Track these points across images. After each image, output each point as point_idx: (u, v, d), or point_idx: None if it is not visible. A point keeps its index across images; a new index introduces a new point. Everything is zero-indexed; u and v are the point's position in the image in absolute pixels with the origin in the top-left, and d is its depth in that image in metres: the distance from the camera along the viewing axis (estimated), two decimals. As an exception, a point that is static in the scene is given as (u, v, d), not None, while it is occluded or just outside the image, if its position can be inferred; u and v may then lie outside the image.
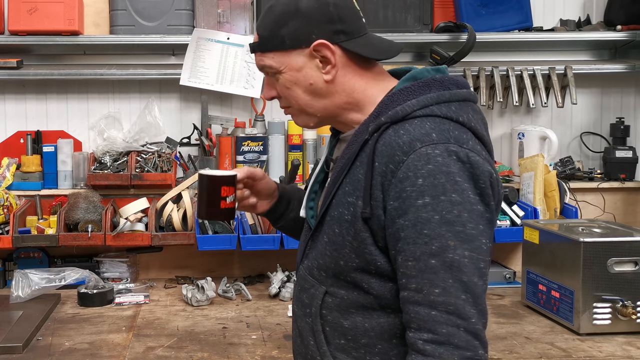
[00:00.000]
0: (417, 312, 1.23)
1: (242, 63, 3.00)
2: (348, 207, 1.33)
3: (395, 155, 1.26)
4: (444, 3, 3.14)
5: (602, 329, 2.24)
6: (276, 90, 1.44)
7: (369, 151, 1.31)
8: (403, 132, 1.28)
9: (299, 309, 1.47)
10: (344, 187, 1.35)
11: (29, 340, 2.15)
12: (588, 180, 3.15)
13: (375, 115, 1.34)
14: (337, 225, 1.35)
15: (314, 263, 1.42)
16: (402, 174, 1.24)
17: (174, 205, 2.83)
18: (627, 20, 3.11)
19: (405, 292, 1.25)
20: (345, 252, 1.34)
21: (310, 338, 1.42)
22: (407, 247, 1.24)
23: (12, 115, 3.08)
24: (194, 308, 2.55)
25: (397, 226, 1.25)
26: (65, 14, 2.89)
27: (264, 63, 1.41)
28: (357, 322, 1.37)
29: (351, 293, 1.37)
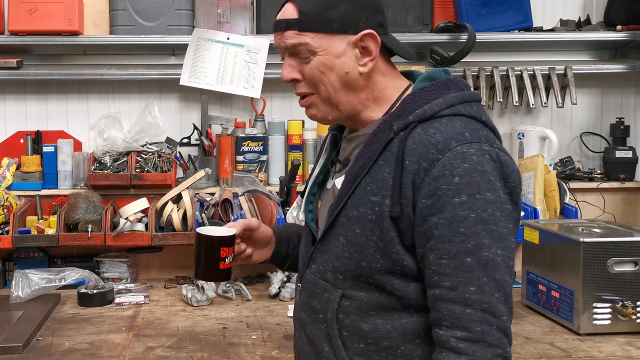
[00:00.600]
0: (450, 309, 1.22)
1: (242, 63, 3.00)
2: (372, 206, 1.31)
3: (429, 154, 1.25)
4: (444, 3, 3.14)
5: (602, 329, 2.24)
6: (301, 73, 1.37)
7: (395, 149, 1.29)
8: (434, 131, 1.27)
9: (308, 316, 1.43)
10: (364, 186, 1.33)
11: (29, 340, 2.15)
12: (588, 181, 3.15)
13: (398, 114, 1.33)
14: (358, 225, 1.32)
15: (327, 266, 1.38)
16: (437, 172, 1.24)
17: (174, 205, 2.83)
18: (627, 20, 3.11)
19: (437, 289, 1.24)
20: (369, 253, 1.31)
21: (325, 344, 1.39)
22: (441, 245, 1.24)
23: (12, 115, 3.08)
24: (194, 308, 2.55)
25: (430, 224, 1.25)
26: (65, 14, 2.89)
27: (298, 41, 1.34)
28: (378, 324, 1.34)
29: (372, 295, 1.34)
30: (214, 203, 2.80)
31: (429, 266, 1.26)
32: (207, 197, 2.89)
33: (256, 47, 3.00)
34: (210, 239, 1.47)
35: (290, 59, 1.37)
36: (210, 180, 3.01)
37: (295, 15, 1.34)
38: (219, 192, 2.86)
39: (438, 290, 1.24)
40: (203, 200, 2.84)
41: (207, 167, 2.93)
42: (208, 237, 1.48)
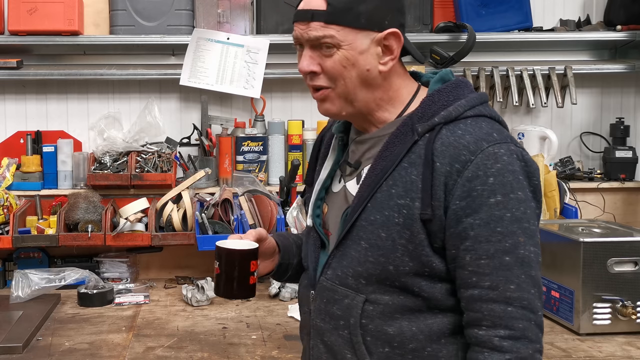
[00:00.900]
0: (491, 309, 1.24)
1: (242, 63, 3.00)
2: (399, 209, 1.30)
3: (461, 155, 1.25)
4: (444, 3, 3.14)
5: (602, 329, 2.24)
6: (320, 65, 1.34)
7: (422, 152, 1.29)
8: (462, 132, 1.28)
9: (325, 323, 1.40)
10: (387, 189, 1.31)
11: (29, 340, 2.15)
12: (588, 181, 3.15)
13: (419, 116, 1.32)
14: (384, 229, 1.31)
15: (347, 272, 1.36)
16: (471, 173, 1.25)
17: (174, 205, 2.83)
18: (627, 20, 3.11)
19: (476, 290, 1.25)
20: (397, 257, 1.30)
21: (347, 351, 1.37)
22: (479, 245, 1.25)
23: (12, 115, 3.08)
24: (194, 308, 2.55)
25: (465, 225, 1.25)
26: (65, 14, 2.89)
27: (323, 34, 1.31)
28: (404, 327, 1.33)
29: (396, 297, 1.33)
30: (214, 203, 2.80)
31: (465, 267, 1.26)
32: (207, 197, 2.89)
33: (256, 47, 3.00)
34: (243, 253, 1.40)
35: (310, 51, 1.34)
36: (210, 180, 3.01)
37: (322, 6, 1.31)
38: (219, 192, 2.86)
39: (477, 290, 1.25)
40: (203, 200, 2.84)
41: (207, 167, 2.93)
42: (241, 251, 1.40)
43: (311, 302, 1.44)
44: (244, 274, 1.41)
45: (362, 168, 1.41)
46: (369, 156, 1.40)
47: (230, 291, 1.43)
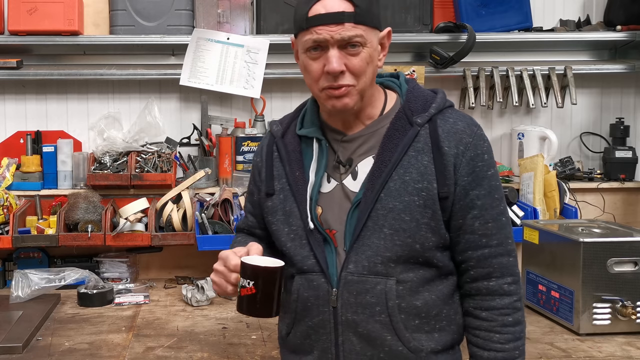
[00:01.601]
0: (500, 262, 1.49)
1: (242, 63, 3.00)
2: (418, 193, 1.46)
3: (462, 139, 1.48)
4: (444, 3, 3.14)
5: (602, 329, 2.24)
6: (345, 64, 1.43)
7: (427, 139, 1.48)
8: (453, 120, 1.50)
9: (358, 315, 1.49)
10: (400, 177, 1.46)
11: (29, 340, 2.15)
12: (588, 181, 3.15)
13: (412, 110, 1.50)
14: (406, 213, 1.46)
15: (375, 260, 1.47)
16: (472, 152, 1.48)
17: (174, 205, 2.83)
18: (627, 20, 3.11)
19: (486, 249, 1.49)
20: (422, 235, 1.47)
21: (387, 334, 1.48)
22: (485, 211, 1.49)
23: (12, 115, 3.08)
24: (194, 308, 2.55)
25: (472, 197, 1.48)
26: (65, 14, 2.89)
27: (355, 33, 1.42)
28: (426, 297, 1.50)
29: (418, 272, 1.49)
30: (214, 203, 2.80)
31: (475, 232, 1.49)
32: (207, 197, 2.89)
33: (256, 47, 3.00)
34: (280, 271, 1.41)
35: (336, 51, 1.43)
36: (210, 180, 3.01)
37: (350, 8, 1.42)
38: (219, 192, 2.86)
39: (487, 249, 1.49)
40: (203, 200, 2.84)
41: (207, 167, 2.93)
42: (279, 269, 1.41)
43: (335, 300, 1.50)
44: (280, 291, 1.43)
45: (355, 165, 1.52)
46: (362, 152, 1.52)
47: (270, 310, 1.43)
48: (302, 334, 1.58)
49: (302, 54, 1.49)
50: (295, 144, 1.58)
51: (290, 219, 1.56)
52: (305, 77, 1.52)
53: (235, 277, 1.46)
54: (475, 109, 3.16)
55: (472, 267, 1.51)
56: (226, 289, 1.49)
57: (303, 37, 1.46)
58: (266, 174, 1.62)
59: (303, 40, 1.46)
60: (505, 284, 1.49)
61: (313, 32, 1.42)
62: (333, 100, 1.46)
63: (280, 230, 1.58)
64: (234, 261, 1.46)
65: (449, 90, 3.22)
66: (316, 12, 1.42)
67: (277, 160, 1.61)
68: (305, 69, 1.50)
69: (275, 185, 1.60)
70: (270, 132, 1.67)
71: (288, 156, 1.58)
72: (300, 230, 1.54)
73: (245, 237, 1.76)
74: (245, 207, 1.79)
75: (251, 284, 1.39)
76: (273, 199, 1.60)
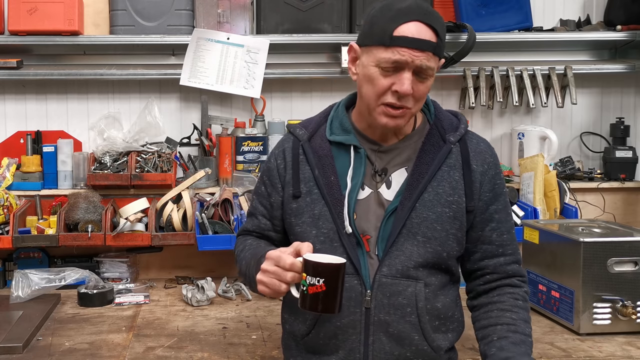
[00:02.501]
0: (513, 268, 1.69)
1: (242, 63, 3.00)
2: (449, 205, 1.61)
3: (486, 158, 1.66)
4: (444, 3, 3.14)
5: (602, 329, 2.24)
6: (414, 88, 1.53)
7: (458, 157, 1.63)
8: (477, 141, 1.68)
9: (390, 315, 1.59)
10: (434, 190, 1.60)
11: (29, 340, 2.15)
12: (588, 180, 3.15)
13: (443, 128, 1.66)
14: (438, 223, 1.60)
15: (407, 264, 1.58)
16: (493, 171, 1.66)
17: (174, 205, 2.83)
18: (627, 20, 3.11)
19: (502, 257, 1.68)
20: (449, 244, 1.62)
21: (415, 334, 1.59)
22: (502, 224, 1.67)
23: (12, 115, 3.08)
24: (194, 308, 2.55)
25: (491, 211, 1.66)
26: (65, 14, 2.89)
27: (433, 64, 1.53)
28: (444, 301, 1.64)
29: (438, 278, 1.63)
30: (214, 203, 2.80)
31: (493, 242, 1.67)
32: (207, 197, 2.89)
33: (256, 47, 3.00)
34: (345, 266, 1.44)
35: (410, 74, 1.52)
36: (210, 180, 3.01)
37: (434, 38, 1.52)
38: (219, 192, 2.86)
39: (502, 258, 1.68)
40: (203, 200, 2.84)
41: (207, 167, 2.93)
42: (345, 264, 1.44)
43: (368, 301, 1.59)
44: (343, 287, 1.46)
45: (389, 175, 1.64)
46: (396, 163, 1.65)
47: (338, 305, 1.45)
48: (326, 335, 1.63)
49: (372, 66, 1.54)
50: (327, 149, 1.65)
51: (320, 222, 1.62)
52: (366, 88, 1.58)
53: (292, 276, 1.48)
54: (475, 108, 3.16)
55: (489, 273, 1.69)
56: (280, 288, 1.50)
57: (381, 53, 1.52)
58: (293, 175, 1.67)
59: (381, 55, 1.52)
60: (516, 280, 1.69)
61: (395, 52, 1.49)
62: (388, 118, 1.56)
63: (306, 232, 1.64)
64: (289, 260, 1.48)
65: (449, 90, 3.23)
66: (403, 33, 1.49)
67: (303, 163, 1.67)
68: (370, 80, 1.56)
69: (301, 187, 1.65)
70: (292, 135, 1.72)
71: (319, 160, 1.64)
72: (332, 233, 1.60)
73: (255, 240, 1.78)
74: (254, 209, 1.80)
75: (321, 281, 1.41)
76: (299, 201, 1.65)
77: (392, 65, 1.51)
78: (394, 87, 1.52)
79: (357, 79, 1.62)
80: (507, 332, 1.59)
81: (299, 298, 1.47)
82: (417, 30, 1.50)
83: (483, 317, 1.67)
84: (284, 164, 1.70)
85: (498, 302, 1.66)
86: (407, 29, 1.49)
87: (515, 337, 1.58)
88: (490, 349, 1.58)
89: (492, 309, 1.65)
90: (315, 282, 1.42)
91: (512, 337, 1.58)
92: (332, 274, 1.42)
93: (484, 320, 1.66)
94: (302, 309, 1.47)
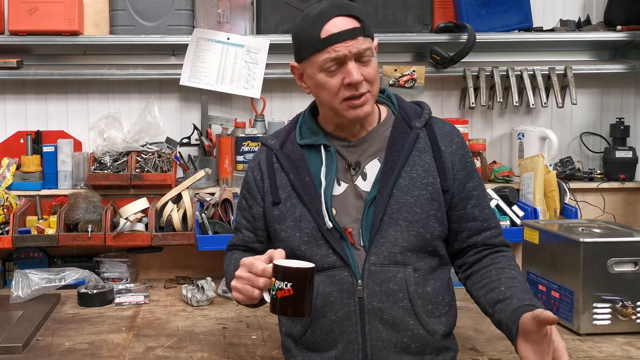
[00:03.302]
0: (501, 240, 1.75)
1: (242, 63, 3.00)
2: (425, 187, 1.65)
3: (453, 139, 1.72)
4: (444, 3, 3.14)
5: (602, 329, 2.24)
6: (363, 74, 1.59)
7: (426, 140, 1.69)
8: (441, 125, 1.74)
9: (383, 302, 1.62)
10: (408, 174, 1.64)
11: (29, 340, 2.15)
12: (588, 181, 3.15)
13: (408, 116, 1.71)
14: (417, 206, 1.64)
15: (394, 250, 1.62)
16: (462, 150, 1.71)
17: (174, 205, 2.84)
18: (627, 20, 3.11)
19: (488, 231, 1.73)
20: (431, 225, 1.65)
21: (409, 319, 1.63)
22: (481, 200, 1.73)
23: (12, 115, 3.08)
24: (194, 308, 2.55)
25: (468, 188, 1.71)
26: (65, 14, 2.89)
27: (367, 45, 1.59)
28: (434, 285, 1.67)
29: (427, 262, 1.66)
30: (214, 203, 2.80)
31: (476, 219, 1.72)
32: (207, 197, 2.89)
33: (256, 47, 3.00)
34: (312, 270, 1.46)
35: (353, 63, 1.58)
36: (210, 180, 3.01)
37: (357, 24, 1.59)
38: (219, 192, 2.86)
39: (489, 231, 1.73)
40: (203, 200, 2.84)
41: (207, 167, 2.93)
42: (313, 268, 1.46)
43: (360, 291, 1.63)
44: (312, 290, 1.48)
45: (363, 167, 1.68)
46: (367, 155, 1.69)
47: (307, 308, 1.47)
48: (323, 330, 1.67)
49: (317, 74, 1.61)
50: (299, 152, 1.71)
51: (302, 223, 1.67)
52: (321, 94, 1.64)
53: (264, 282, 1.51)
54: (475, 109, 3.16)
55: (478, 248, 1.73)
56: (252, 294, 1.54)
57: (318, 58, 1.59)
58: (270, 184, 1.73)
59: (319, 61, 1.59)
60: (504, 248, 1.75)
61: (330, 51, 1.56)
62: (355, 110, 1.61)
63: (291, 235, 1.69)
64: (261, 266, 1.52)
65: (449, 90, 3.23)
66: (329, 32, 1.56)
67: (278, 170, 1.73)
68: (321, 86, 1.62)
69: (280, 194, 1.71)
70: (265, 146, 1.80)
71: (293, 164, 1.70)
72: (315, 232, 1.65)
73: (241, 254, 1.83)
74: (238, 224, 1.87)
75: (289, 285, 1.44)
76: (280, 207, 1.71)
77: (334, 64, 1.58)
78: (346, 81, 1.58)
79: (310, 92, 1.70)
80: (513, 282, 1.62)
81: (270, 303, 1.51)
82: (340, 24, 1.57)
83: (482, 277, 1.68)
84: (260, 175, 1.77)
85: (494, 263, 1.70)
86: (330, 27, 1.57)
87: (523, 286, 1.61)
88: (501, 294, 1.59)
89: (490, 269, 1.68)
90: (283, 286, 1.44)
91: (521, 286, 1.61)
92: (299, 278, 1.44)
93: (484, 279, 1.67)
94: (273, 313, 1.50)
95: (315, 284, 1.59)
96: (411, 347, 1.65)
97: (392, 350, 1.64)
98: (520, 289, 1.60)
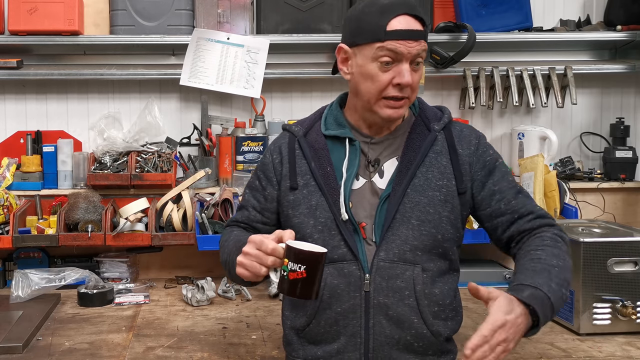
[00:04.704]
0: (539, 222, 1.69)
1: (242, 63, 3.00)
2: (439, 189, 1.66)
3: (471, 140, 1.72)
4: (444, 3, 3.14)
5: (602, 329, 2.24)
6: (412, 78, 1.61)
7: (444, 143, 1.70)
8: (459, 128, 1.75)
9: (389, 298, 1.63)
10: (423, 175, 1.66)
11: (29, 340, 2.15)
12: (588, 181, 3.15)
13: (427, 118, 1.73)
14: (431, 206, 1.64)
15: (404, 248, 1.63)
16: (480, 151, 1.72)
17: (174, 205, 2.84)
18: (627, 20, 3.11)
19: (520, 220, 1.68)
20: (443, 226, 1.65)
21: (414, 316, 1.63)
22: (505, 193, 1.70)
23: (12, 115, 3.08)
24: (194, 308, 2.55)
25: (489, 185, 1.70)
26: (65, 14, 2.89)
27: (423, 52, 1.62)
28: (442, 287, 1.67)
29: (437, 264, 1.66)
30: (214, 203, 2.80)
31: (505, 213, 1.69)
32: (207, 197, 2.89)
33: (256, 47, 3.00)
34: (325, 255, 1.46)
35: (407, 65, 1.59)
36: (210, 180, 3.01)
37: (422, 27, 1.60)
38: (219, 192, 2.86)
39: (521, 220, 1.69)
40: (203, 200, 2.85)
41: (207, 167, 2.93)
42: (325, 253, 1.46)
43: (367, 285, 1.64)
44: (322, 276, 1.49)
45: (382, 164, 1.70)
46: (387, 153, 1.71)
47: (316, 292, 1.48)
48: (327, 322, 1.68)
49: (369, 64, 1.61)
50: (322, 142, 1.72)
51: (317, 212, 1.68)
52: (364, 85, 1.64)
53: (272, 260, 1.51)
54: (475, 109, 3.16)
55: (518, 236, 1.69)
56: (259, 271, 1.54)
57: (375, 47, 1.58)
58: (290, 169, 1.74)
59: (375, 50, 1.58)
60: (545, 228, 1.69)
61: (392, 46, 1.57)
62: (392, 110, 1.62)
63: (304, 222, 1.70)
64: (271, 245, 1.52)
65: (449, 90, 3.23)
66: (396, 26, 1.56)
67: (299, 157, 1.74)
68: (369, 77, 1.62)
69: (298, 180, 1.72)
70: (289, 131, 1.80)
71: (315, 153, 1.71)
72: (329, 222, 1.66)
73: (242, 231, 1.84)
74: (246, 202, 1.86)
75: (302, 268, 1.44)
76: (296, 193, 1.72)
77: (392, 59, 1.58)
78: (395, 80, 1.59)
79: (351, 79, 1.69)
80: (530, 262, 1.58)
81: (278, 282, 1.51)
82: (407, 23, 1.57)
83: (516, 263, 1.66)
84: (279, 159, 1.77)
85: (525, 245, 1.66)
86: (398, 23, 1.57)
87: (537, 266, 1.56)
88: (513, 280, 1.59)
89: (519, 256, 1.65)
90: (297, 269, 1.45)
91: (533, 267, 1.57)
92: (313, 261, 1.45)
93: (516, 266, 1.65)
94: (281, 292, 1.51)
95: (324, 274, 1.59)
96: (414, 345, 1.65)
97: (395, 347, 1.65)
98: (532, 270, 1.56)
